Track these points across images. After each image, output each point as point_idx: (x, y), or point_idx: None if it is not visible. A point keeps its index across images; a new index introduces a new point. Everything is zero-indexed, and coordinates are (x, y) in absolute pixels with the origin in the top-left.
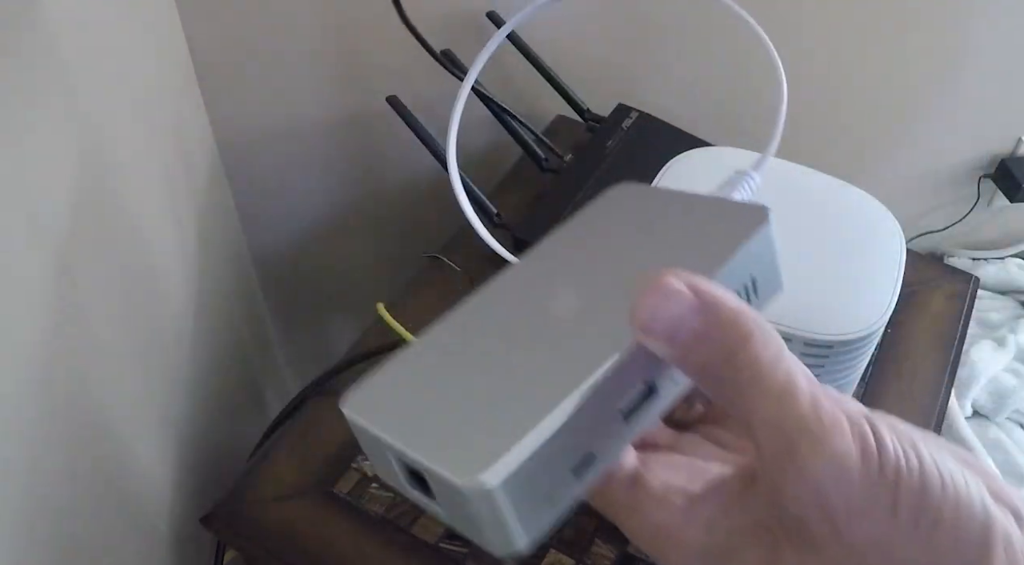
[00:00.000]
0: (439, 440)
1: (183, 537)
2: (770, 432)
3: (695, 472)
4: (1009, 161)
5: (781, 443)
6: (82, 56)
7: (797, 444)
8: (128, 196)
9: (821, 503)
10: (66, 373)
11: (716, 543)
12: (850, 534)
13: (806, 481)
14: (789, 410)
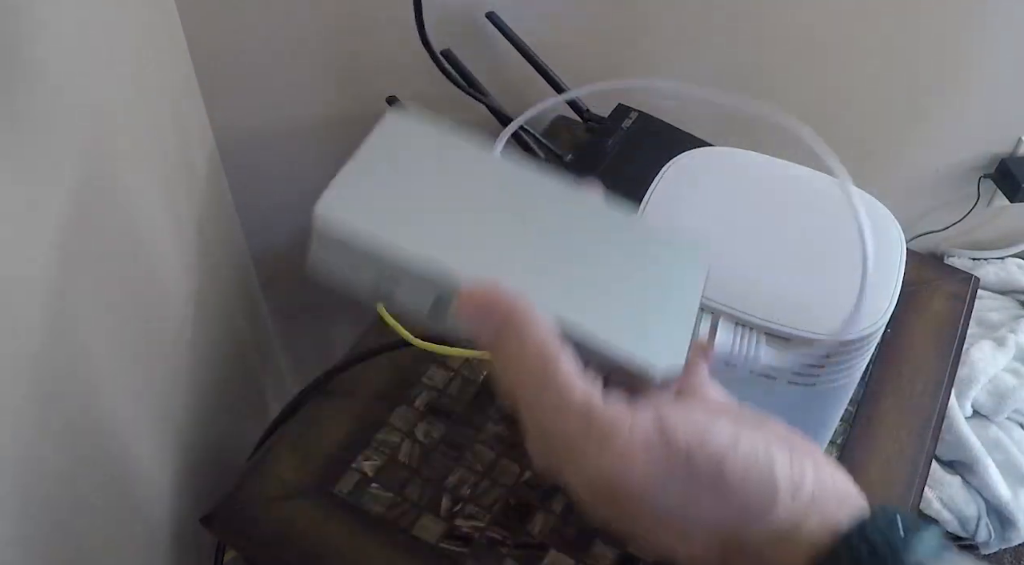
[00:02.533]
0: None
1: (183, 537)
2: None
3: None
4: (1009, 161)
5: (569, 450)
6: (81, 55)
7: (573, 453)
8: (127, 196)
9: (606, 488)
10: (66, 373)
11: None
12: (652, 504)
13: (593, 479)
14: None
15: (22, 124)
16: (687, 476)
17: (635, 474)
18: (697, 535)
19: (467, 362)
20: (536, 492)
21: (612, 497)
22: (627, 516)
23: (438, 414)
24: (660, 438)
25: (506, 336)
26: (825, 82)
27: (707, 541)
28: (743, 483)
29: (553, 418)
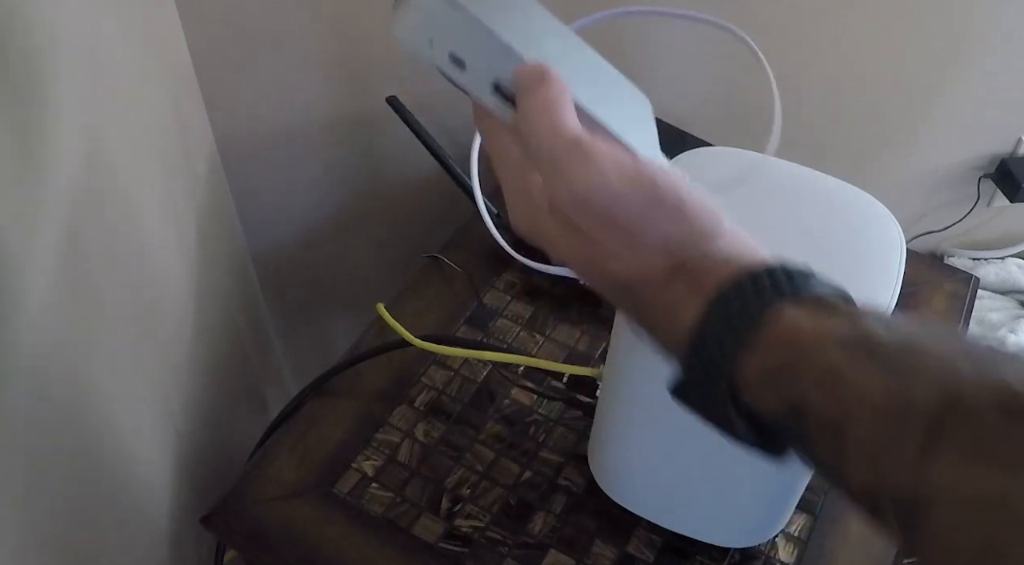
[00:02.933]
0: None
1: (183, 537)
2: (547, 166)
3: None
4: (1009, 161)
5: (554, 171)
6: (81, 56)
7: (558, 161)
8: (127, 196)
9: (587, 200)
10: (65, 373)
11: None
12: (622, 215)
13: (575, 191)
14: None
15: (21, 124)
16: (652, 198)
17: (610, 188)
18: (649, 246)
19: (467, 362)
20: (536, 492)
21: (586, 207)
22: (602, 226)
23: (438, 414)
24: (633, 166)
25: (538, 90)
26: (825, 82)
27: (655, 254)
28: (699, 211)
29: (551, 141)
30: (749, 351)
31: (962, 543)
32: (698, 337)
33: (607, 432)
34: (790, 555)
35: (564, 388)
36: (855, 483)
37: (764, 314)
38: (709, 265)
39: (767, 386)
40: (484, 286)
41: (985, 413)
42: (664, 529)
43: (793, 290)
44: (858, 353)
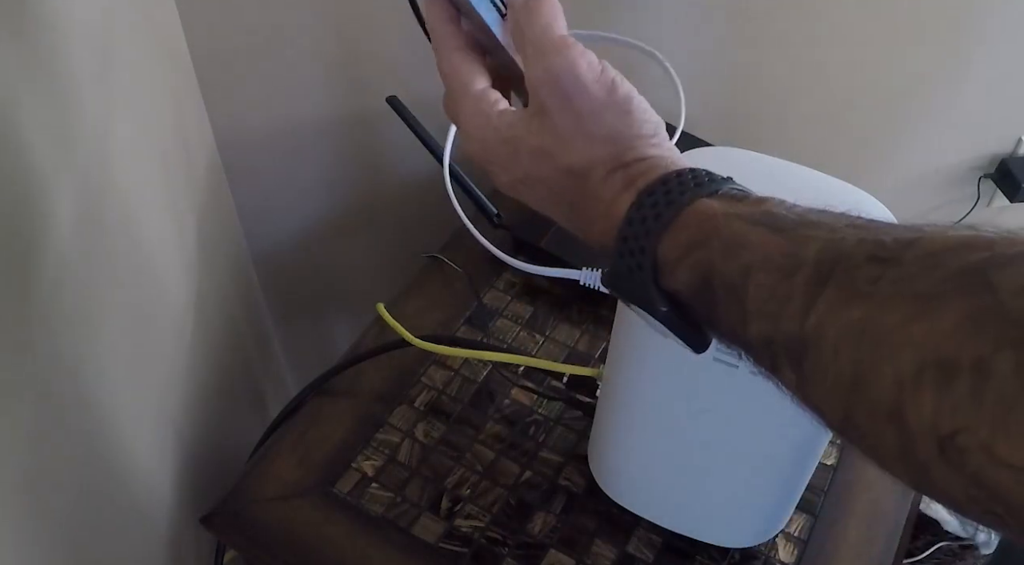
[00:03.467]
0: None
1: (183, 537)
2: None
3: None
4: (1009, 161)
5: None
6: (81, 55)
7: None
8: (127, 196)
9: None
10: (65, 373)
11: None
12: (581, 103)
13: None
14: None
15: (22, 123)
16: (608, 95)
17: (578, 75)
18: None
19: (467, 362)
20: (536, 492)
21: (556, 86)
22: (549, 109)
23: (438, 414)
24: (600, 66)
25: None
26: (825, 82)
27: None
28: (644, 116)
29: (542, 34)
30: (669, 232)
31: (835, 372)
32: (627, 224)
33: (607, 432)
34: (790, 555)
35: (564, 388)
36: (754, 336)
37: (684, 202)
38: (644, 166)
39: (683, 261)
40: (484, 286)
41: (859, 262)
42: (664, 529)
43: (712, 187)
44: (760, 226)
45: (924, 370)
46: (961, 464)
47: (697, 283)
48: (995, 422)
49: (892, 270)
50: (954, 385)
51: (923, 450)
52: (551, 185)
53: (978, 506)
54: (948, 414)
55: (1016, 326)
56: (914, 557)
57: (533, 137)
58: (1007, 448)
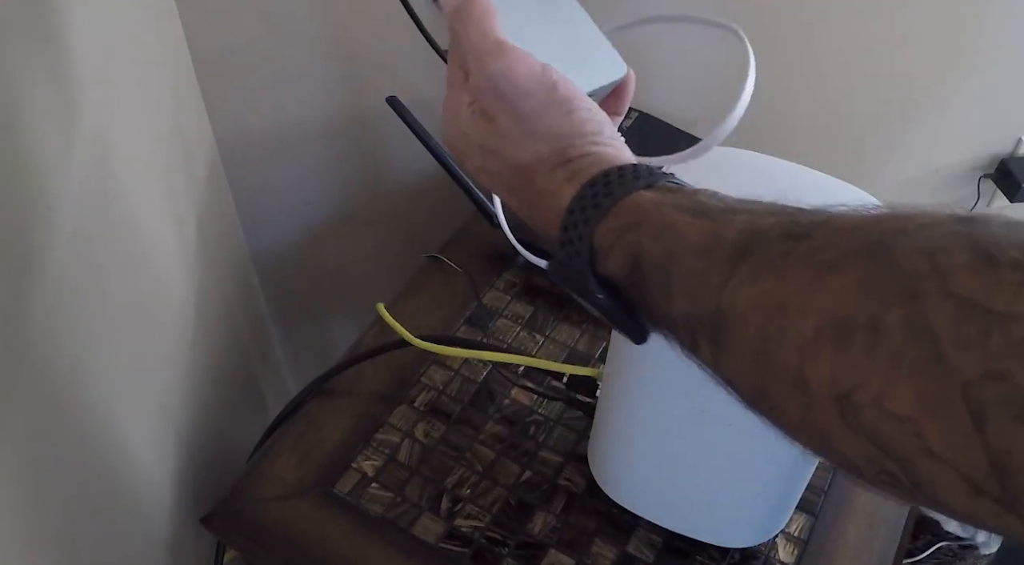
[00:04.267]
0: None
1: (183, 537)
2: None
3: None
4: (1009, 161)
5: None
6: (82, 55)
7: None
8: (128, 196)
9: (497, 87)
10: (66, 374)
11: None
12: (523, 105)
13: (488, 75)
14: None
15: (24, 124)
16: (550, 96)
17: (517, 80)
18: (541, 135)
19: (467, 362)
20: (536, 492)
21: (496, 93)
22: (492, 113)
23: (438, 414)
24: (541, 69)
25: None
26: (825, 82)
27: (545, 142)
28: (586, 114)
29: (478, 42)
30: (605, 220)
31: (746, 343)
32: (568, 214)
33: (607, 432)
34: (790, 555)
35: (564, 388)
36: (677, 314)
37: (621, 194)
38: (586, 161)
39: (616, 246)
40: (484, 286)
41: (773, 239)
42: (664, 529)
43: (649, 180)
44: (687, 212)
45: (823, 332)
46: (857, 422)
47: (628, 266)
48: (885, 376)
49: (802, 244)
50: (850, 344)
51: (823, 413)
52: (504, 180)
53: (874, 466)
54: (845, 373)
55: (907, 281)
56: (914, 557)
57: (482, 138)
58: (895, 399)
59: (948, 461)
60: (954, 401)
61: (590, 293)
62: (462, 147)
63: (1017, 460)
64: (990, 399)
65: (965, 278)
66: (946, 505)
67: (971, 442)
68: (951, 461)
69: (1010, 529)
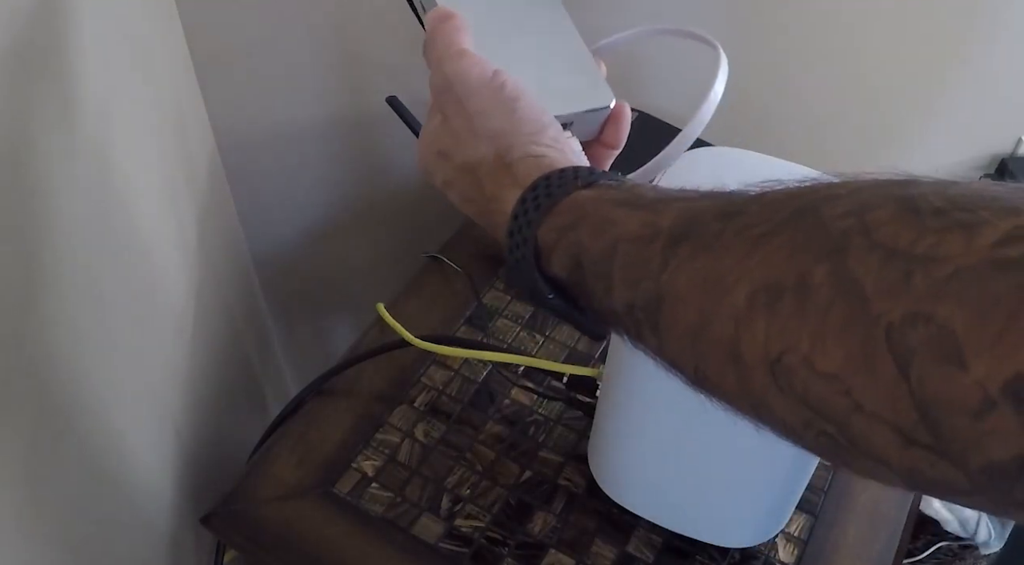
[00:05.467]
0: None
1: (183, 537)
2: (432, 53)
3: None
4: (1009, 161)
5: (436, 64)
6: (83, 56)
7: (441, 57)
8: (128, 196)
9: (450, 86)
10: (66, 373)
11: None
12: (469, 104)
13: (444, 76)
14: (446, 42)
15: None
16: (495, 97)
17: (468, 80)
18: (485, 135)
19: (467, 362)
20: (536, 492)
21: (449, 91)
22: (446, 113)
23: (438, 414)
24: (493, 72)
25: (443, 24)
26: (825, 82)
27: (489, 143)
28: (528, 115)
29: (444, 51)
30: (546, 220)
31: (684, 321)
32: (513, 218)
33: (607, 432)
34: (790, 555)
35: (564, 388)
36: (618, 304)
37: (561, 194)
38: (528, 164)
39: (558, 245)
40: (484, 286)
41: (708, 220)
42: (664, 529)
43: (589, 179)
44: (624, 206)
45: (755, 298)
46: (790, 385)
47: (570, 264)
48: (813, 334)
49: (735, 221)
50: (780, 306)
51: (758, 380)
52: (457, 186)
53: (812, 430)
54: (775, 336)
55: (832, 240)
56: (914, 557)
57: (438, 140)
58: (824, 357)
59: (878, 414)
60: (878, 351)
61: (541, 295)
62: (427, 159)
63: (944, 403)
64: (913, 343)
65: (889, 229)
66: (883, 460)
67: (898, 391)
68: (880, 414)
69: (947, 477)
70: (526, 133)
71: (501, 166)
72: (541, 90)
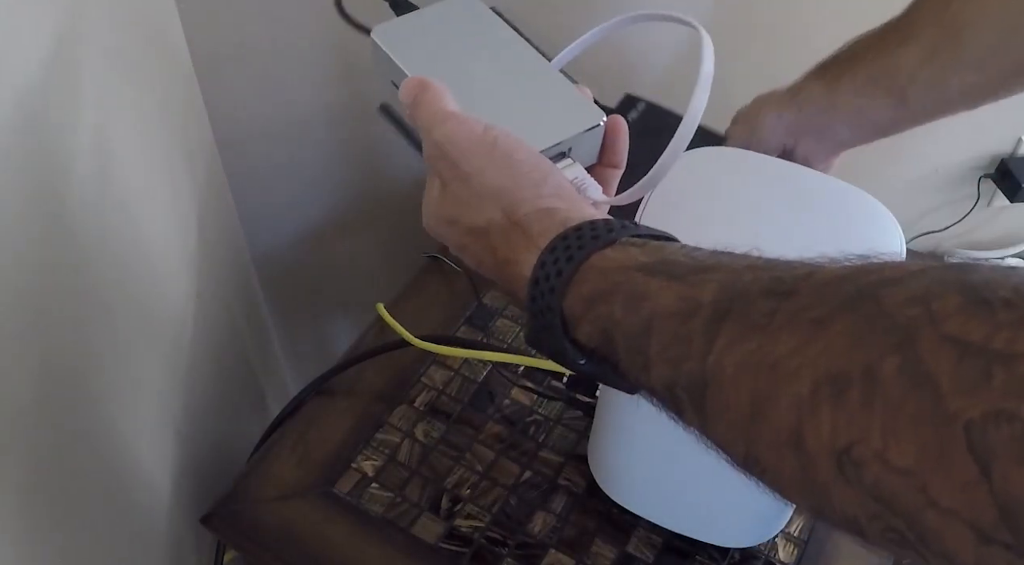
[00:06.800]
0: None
1: (183, 537)
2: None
3: None
4: (1009, 161)
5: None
6: (83, 56)
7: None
8: (128, 196)
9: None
10: (66, 374)
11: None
12: (466, 166)
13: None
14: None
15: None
16: (489, 154)
17: (458, 142)
18: (487, 196)
19: (467, 362)
20: (536, 492)
21: (442, 156)
22: (444, 178)
23: (438, 414)
24: (481, 128)
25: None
26: None
27: (492, 204)
28: (527, 168)
29: (430, 117)
30: (571, 287)
31: (735, 406)
32: (533, 284)
33: (607, 432)
34: (790, 555)
35: (564, 388)
36: (656, 382)
37: (583, 257)
38: (539, 218)
39: (587, 316)
40: (484, 286)
41: (755, 297)
42: (664, 529)
43: (610, 237)
44: (658, 275)
45: (819, 388)
46: (859, 478)
47: (601, 337)
48: (885, 428)
49: (787, 302)
50: (846, 397)
51: (822, 471)
52: (470, 251)
53: (880, 523)
54: (843, 428)
55: (899, 330)
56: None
57: (441, 208)
58: (898, 452)
59: (954, 511)
60: (956, 449)
61: (572, 362)
62: (435, 228)
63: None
64: (995, 441)
65: (958, 320)
66: (954, 557)
67: (978, 490)
68: (957, 511)
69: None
70: (529, 186)
71: (511, 225)
72: (529, 126)
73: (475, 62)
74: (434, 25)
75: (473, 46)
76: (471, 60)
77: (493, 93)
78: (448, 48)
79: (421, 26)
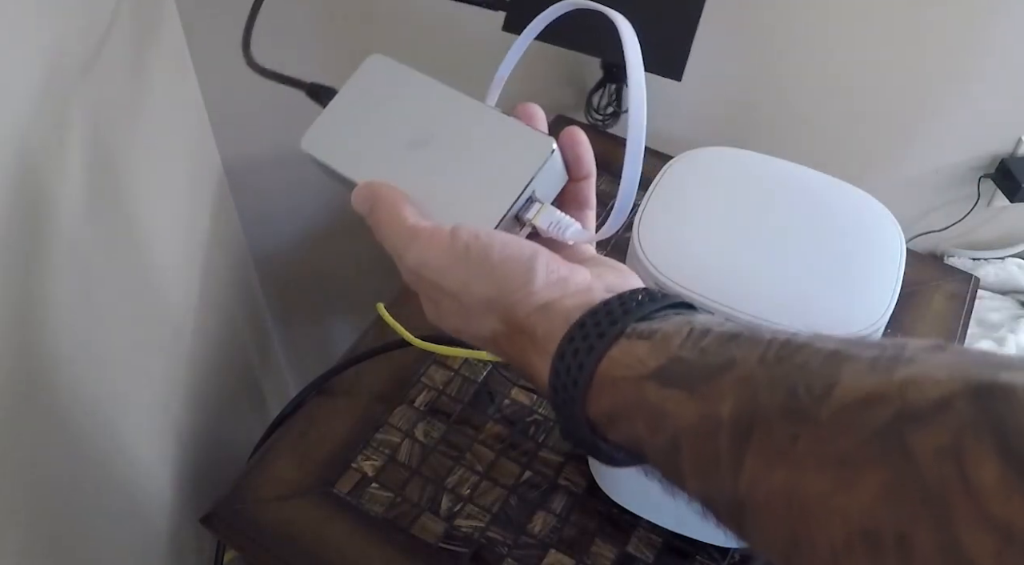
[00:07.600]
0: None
1: (183, 537)
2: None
3: None
4: (1009, 161)
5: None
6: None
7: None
8: (130, 199)
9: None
10: (67, 374)
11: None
12: (448, 284)
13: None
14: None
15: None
16: (465, 265)
17: (431, 261)
18: (476, 309)
19: (467, 362)
20: (536, 492)
21: (421, 280)
22: (433, 299)
23: (438, 414)
24: (450, 238)
25: (375, 205)
26: (825, 83)
27: (484, 315)
28: (507, 268)
29: (392, 236)
30: (590, 399)
31: (772, 533)
32: (553, 393)
33: None
34: None
35: None
36: (694, 493)
37: (594, 363)
38: (538, 321)
39: (612, 428)
40: None
41: (774, 419)
42: (664, 529)
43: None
44: (671, 387)
45: (853, 541)
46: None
47: (629, 445)
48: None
49: (809, 429)
50: (881, 556)
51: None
52: (490, 351)
53: None
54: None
55: (933, 500)
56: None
57: (444, 323)
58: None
59: None
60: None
61: (609, 459)
62: (451, 332)
63: None
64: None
65: (1000, 499)
66: None
67: None
68: None
69: None
70: (518, 287)
71: (515, 332)
72: (487, 185)
73: (411, 132)
74: (357, 108)
75: (403, 115)
76: (407, 131)
77: (440, 161)
78: (381, 128)
79: (345, 116)
